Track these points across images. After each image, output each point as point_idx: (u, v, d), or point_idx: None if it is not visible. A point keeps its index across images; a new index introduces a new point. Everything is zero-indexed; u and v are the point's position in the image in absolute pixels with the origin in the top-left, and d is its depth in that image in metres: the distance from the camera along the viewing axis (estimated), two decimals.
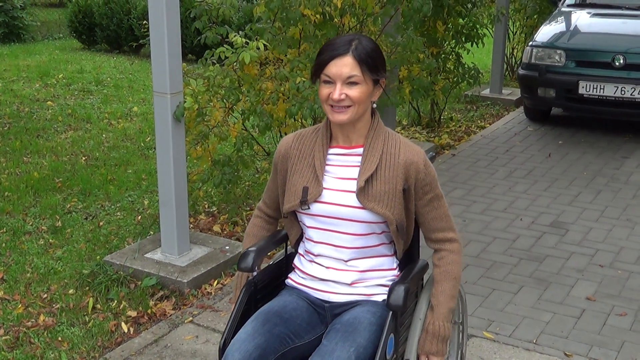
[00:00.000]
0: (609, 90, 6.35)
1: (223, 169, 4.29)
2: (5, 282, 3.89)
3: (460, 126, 7.19)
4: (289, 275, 2.41)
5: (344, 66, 2.13)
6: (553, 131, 6.99)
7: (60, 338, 3.35)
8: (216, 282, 3.87)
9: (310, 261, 2.32)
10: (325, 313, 2.29)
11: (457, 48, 6.67)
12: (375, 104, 2.26)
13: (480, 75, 6.74)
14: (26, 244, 4.34)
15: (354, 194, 2.20)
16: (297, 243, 2.39)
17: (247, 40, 4.18)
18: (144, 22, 9.10)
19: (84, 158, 5.97)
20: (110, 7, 11.25)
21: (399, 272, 2.33)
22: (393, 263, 2.33)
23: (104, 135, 6.67)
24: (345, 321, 2.17)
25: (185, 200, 3.93)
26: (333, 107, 2.17)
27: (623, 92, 6.30)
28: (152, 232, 4.39)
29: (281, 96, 4.22)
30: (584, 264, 4.16)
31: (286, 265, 2.47)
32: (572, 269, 4.09)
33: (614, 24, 7.11)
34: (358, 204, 2.19)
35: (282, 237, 2.46)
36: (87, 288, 3.78)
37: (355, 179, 2.21)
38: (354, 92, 2.15)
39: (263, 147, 5.19)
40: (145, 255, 3.99)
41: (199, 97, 4.13)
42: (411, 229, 2.32)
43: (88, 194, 5.16)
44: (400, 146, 2.23)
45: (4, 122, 6.97)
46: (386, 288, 2.24)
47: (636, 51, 6.35)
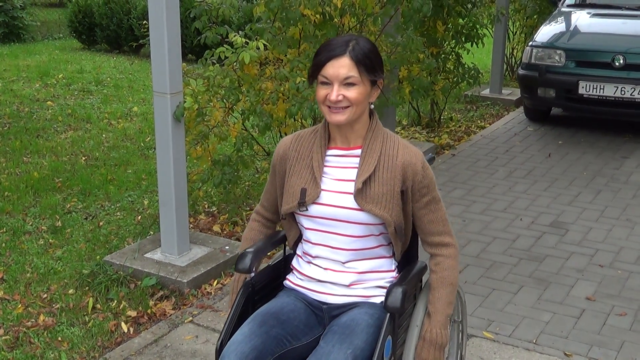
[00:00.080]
0: (609, 90, 6.35)
1: (223, 169, 4.29)
2: (5, 282, 3.89)
3: (460, 126, 7.19)
4: (287, 276, 2.39)
5: (341, 67, 2.11)
6: (553, 131, 6.99)
7: (60, 338, 3.35)
8: (216, 282, 3.87)
9: (308, 262, 2.30)
10: (323, 315, 2.27)
11: (457, 48, 6.67)
12: (373, 105, 2.24)
13: (480, 75, 6.75)
14: (26, 244, 4.34)
15: (352, 196, 2.18)
16: (296, 244, 2.37)
17: (247, 40, 4.18)
18: (144, 22, 9.10)
19: (84, 158, 5.97)
20: (110, 7, 11.26)
21: (398, 274, 2.32)
22: (391, 265, 2.32)
23: (104, 135, 6.67)
24: (342, 323, 2.15)
25: (185, 200, 3.93)
26: (330, 108, 2.15)
27: (623, 92, 6.30)
28: (152, 232, 4.39)
29: (281, 96, 4.22)
30: (584, 264, 4.16)
31: (284, 266, 2.46)
32: (572, 269, 4.09)
33: (614, 24, 7.11)
34: (356, 206, 2.17)
35: (280, 239, 2.45)
36: (87, 288, 3.78)
37: (353, 181, 2.20)
38: (352, 93, 2.13)
39: (263, 147, 5.19)
40: (145, 255, 3.99)
41: (199, 97, 4.13)
42: (409, 231, 2.30)
43: (88, 194, 5.16)
44: (398, 147, 2.21)
45: (4, 122, 6.97)
46: (384, 290, 2.22)
47: (636, 51, 6.36)
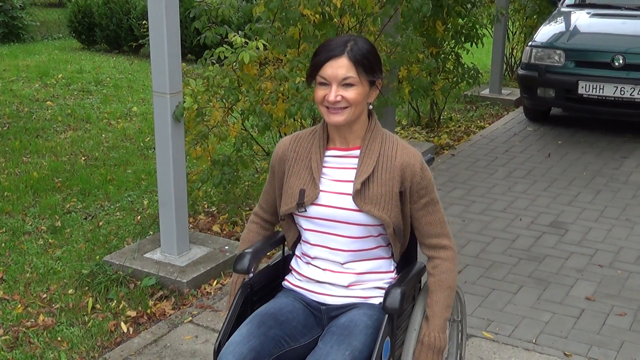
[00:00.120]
0: (609, 90, 6.35)
1: (222, 169, 4.29)
2: (4, 282, 3.89)
3: (459, 126, 7.19)
4: (286, 277, 2.38)
5: (340, 67, 2.10)
6: (552, 131, 6.99)
7: (59, 338, 3.35)
8: (216, 282, 3.87)
9: (307, 263, 2.30)
10: (321, 315, 2.27)
11: (457, 48, 6.67)
12: (372, 106, 2.23)
13: (479, 75, 6.75)
14: (25, 244, 4.34)
15: (351, 197, 2.17)
16: (295, 245, 2.36)
17: (247, 40, 4.18)
18: (144, 22, 9.09)
19: (84, 158, 5.97)
20: (109, 7, 11.26)
21: (397, 275, 2.31)
22: (390, 266, 2.31)
23: (104, 135, 6.67)
24: (341, 324, 2.14)
25: (184, 200, 3.93)
26: (329, 109, 2.14)
27: (622, 92, 6.30)
28: (152, 232, 4.39)
29: (280, 96, 4.22)
30: (584, 264, 4.16)
31: (283, 267, 2.45)
32: (572, 269, 4.09)
33: (614, 24, 7.11)
34: (354, 207, 2.16)
35: (279, 239, 2.44)
36: (87, 288, 3.78)
37: (352, 182, 2.19)
38: (350, 94, 2.12)
39: (262, 147, 5.19)
40: (144, 255, 3.99)
41: (199, 97, 4.13)
42: (408, 232, 2.29)
43: (87, 194, 5.16)
44: (397, 148, 2.20)
45: (4, 122, 6.97)
46: (383, 291, 2.21)
47: (635, 51, 6.36)
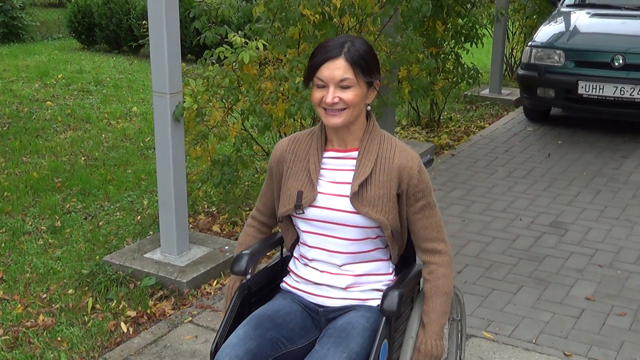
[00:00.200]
0: (609, 90, 6.35)
1: (222, 169, 4.29)
2: (4, 282, 3.89)
3: (459, 126, 7.19)
4: (284, 278, 2.37)
5: (337, 69, 2.09)
6: (552, 131, 6.99)
7: (59, 338, 3.35)
8: (215, 282, 3.86)
9: (304, 265, 2.29)
10: (319, 318, 2.25)
11: (457, 48, 6.67)
12: (370, 107, 2.22)
13: (479, 75, 6.75)
14: (25, 244, 4.34)
15: (348, 199, 2.16)
16: (293, 247, 2.35)
17: (247, 40, 4.18)
18: (144, 22, 9.08)
19: (83, 158, 5.97)
20: (109, 7, 11.26)
21: (395, 277, 2.29)
22: (389, 268, 2.30)
23: (104, 135, 6.67)
24: (338, 326, 2.13)
25: (184, 200, 3.93)
26: (327, 111, 2.13)
27: (622, 92, 6.30)
28: (152, 232, 4.39)
29: (280, 96, 4.22)
30: (584, 264, 4.16)
31: (281, 268, 2.44)
32: (572, 269, 4.09)
33: (613, 24, 7.11)
34: (352, 209, 2.15)
35: (277, 241, 2.43)
36: (87, 288, 3.78)
37: (349, 183, 2.17)
38: (348, 95, 2.10)
39: (262, 147, 5.19)
40: (144, 255, 3.99)
41: (199, 97, 4.13)
42: (406, 234, 2.28)
43: (87, 194, 5.16)
44: (395, 150, 2.19)
45: (3, 122, 6.97)
46: (382, 293, 2.19)
47: (635, 51, 6.36)
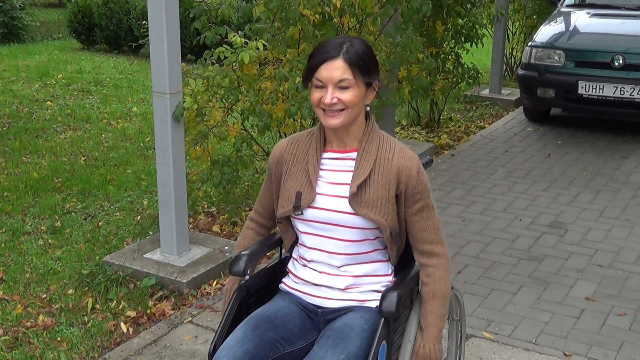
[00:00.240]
0: (608, 90, 6.35)
1: (222, 169, 4.29)
2: (4, 282, 3.89)
3: (459, 126, 7.19)
4: (283, 279, 2.36)
5: (335, 70, 2.08)
6: (552, 131, 6.99)
7: (59, 338, 3.35)
8: (215, 282, 3.86)
9: (303, 266, 2.28)
10: (318, 319, 2.25)
11: (457, 48, 6.67)
12: (369, 107, 2.21)
13: (479, 75, 6.76)
14: (25, 244, 4.34)
15: (347, 200, 2.15)
16: (292, 247, 2.34)
17: (247, 40, 4.18)
18: (144, 22, 9.07)
19: (83, 158, 5.97)
20: (109, 7, 11.25)
21: (394, 278, 2.29)
22: (388, 269, 2.29)
23: (103, 135, 6.67)
24: (337, 327, 2.12)
25: (184, 200, 3.93)
26: (325, 112, 2.12)
27: (622, 92, 6.30)
28: (152, 232, 4.39)
29: (280, 96, 4.22)
30: (583, 264, 4.16)
31: (280, 269, 2.43)
32: (572, 269, 4.09)
33: (613, 24, 7.11)
34: (351, 210, 2.14)
35: (276, 241, 2.42)
36: (87, 288, 3.78)
37: (348, 184, 2.17)
38: (346, 96, 2.09)
39: (262, 147, 5.19)
40: (144, 255, 3.99)
41: (198, 97, 4.13)
42: (405, 235, 2.26)
43: (87, 194, 5.16)
44: (394, 151, 2.18)
45: (3, 122, 6.97)
46: (380, 294, 2.17)
47: (635, 51, 6.36)
